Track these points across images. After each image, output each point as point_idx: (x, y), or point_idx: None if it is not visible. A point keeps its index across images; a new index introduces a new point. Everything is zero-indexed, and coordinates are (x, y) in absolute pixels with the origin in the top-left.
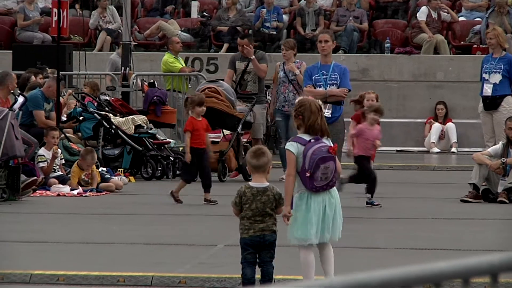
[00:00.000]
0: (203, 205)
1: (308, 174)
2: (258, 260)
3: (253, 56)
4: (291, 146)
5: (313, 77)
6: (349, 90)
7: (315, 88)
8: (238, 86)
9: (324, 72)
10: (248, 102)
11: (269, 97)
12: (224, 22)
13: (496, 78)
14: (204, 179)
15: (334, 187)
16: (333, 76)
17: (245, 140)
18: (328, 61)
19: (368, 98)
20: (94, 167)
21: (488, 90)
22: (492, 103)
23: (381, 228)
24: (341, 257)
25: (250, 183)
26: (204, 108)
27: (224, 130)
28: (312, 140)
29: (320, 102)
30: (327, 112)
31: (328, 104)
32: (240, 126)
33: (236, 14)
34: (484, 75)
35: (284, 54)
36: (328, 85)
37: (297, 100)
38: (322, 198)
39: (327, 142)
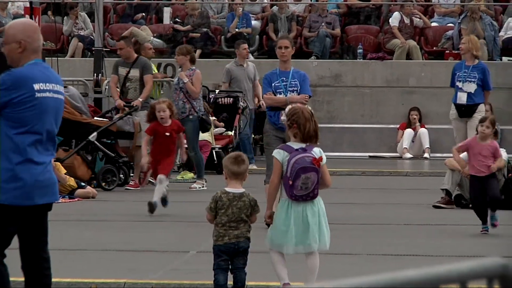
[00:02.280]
0: (176, 212)
1: (290, 182)
2: (230, 267)
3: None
4: (278, 154)
5: (273, 84)
6: (310, 97)
7: (275, 95)
8: (121, 93)
9: (284, 78)
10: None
11: (241, 103)
12: (197, 28)
13: (471, 87)
14: None
15: (318, 198)
16: (293, 82)
17: (219, 146)
18: (287, 68)
19: None
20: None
21: (462, 98)
22: (468, 111)
23: (354, 234)
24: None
25: (226, 188)
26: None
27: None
28: (299, 149)
29: (309, 108)
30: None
31: None
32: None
33: (198, 18)
34: (457, 83)
35: (176, 59)
36: (288, 92)
37: (287, 109)
38: (302, 207)
39: (313, 153)
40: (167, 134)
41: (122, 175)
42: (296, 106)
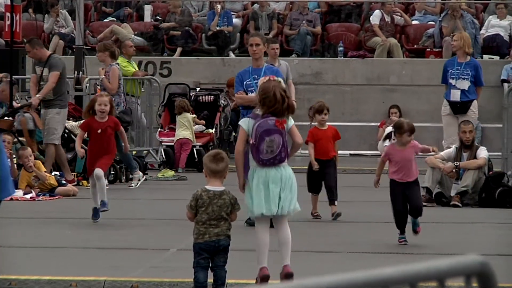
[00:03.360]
0: (156, 209)
1: (252, 142)
2: (211, 265)
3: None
4: (243, 122)
5: (245, 82)
6: None
7: (246, 93)
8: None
9: (256, 76)
10: (46, 108)
11: (222, 101)
12: (178, 26)
13: (465, 84)
14: (328, 190)
15: (285, 164)
16: None
17: (199, 144)
18: (260, 65)
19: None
20: (41, 165)
21: (456, 95)
22: (462, 108)
23: (334, 232)
24: (295, 261)
25: (206, 186)
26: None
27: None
28: (265, 116)
29: (283, 84)
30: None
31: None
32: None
33: (180, 15)
34: (451, 81)
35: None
36: None
37: (260, 81)
38: (265, 172)
39: (279, 118)
40: (99, 131)
41: (112, 172)
42: (268, 83)
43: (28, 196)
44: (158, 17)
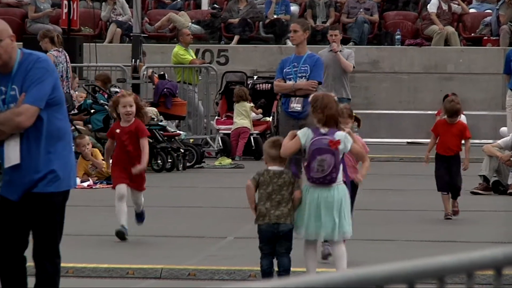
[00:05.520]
0: (213, 198)
1: (305, 163)
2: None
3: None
4: (302, 133)
5: (284, 70)
6: (320, 83)
7: (285, 81)
8: None
9: (295, 64)
10: None
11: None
12: (235, 14)
13: None
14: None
15: (339, 184)
16: (303, 68)
17: (257, 132)
18: (301, 52)
19: None
20: (98, 153)
21: None
22: None
23: (391, 220)
24: (350, 250)
25: (268, 167)
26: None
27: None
28: (323, 133)
29: (334, 96)
30: (297, 106)
31: (297, 98)
32: None
33: (246, 6)
34: None
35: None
36: (298, 78)
37: (310, 97)
38: (318, 194)
39: (335, 136)
40: (121, 135)
41: (159, 161)
42: (318, 93)
43: (85, 184)
44: (215, 5)
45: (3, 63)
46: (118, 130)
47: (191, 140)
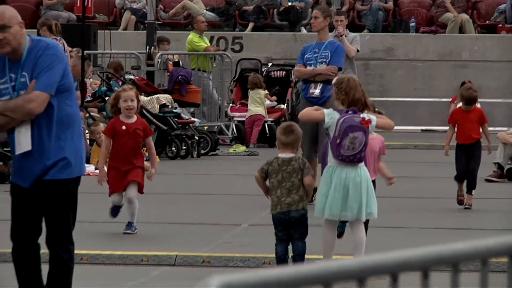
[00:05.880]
0: (227, 185)
1: (338, 141)
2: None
3: None
4: (327, 112)
5: (305, 56)
6: (340, 69)
7: (305, 67)
8: None
9: (316, 50)
10: None
11: (294, 77)
12: (250, 1)
13: None
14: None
15: (363, 165)
16: (323, 54)
17: (271, 119)
18: (322, 39)
19: None
20: None
21: None
22: None
23: (405, 208)
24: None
25: (278, 155)
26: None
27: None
28: (350, 112)
29: (356, 78)
30: (315, 92)
31: (316, 84)
32: None
33: None
34: None
35: None
36: (318, 64)
37: (334, 79)
38: (346, 174)
39: (364, 115)
40: (123, 129)
41: (174, 148)
42: (344, 75)
43: None
44: None
45: (13, 50)
46: (124, 127)
47: (206, 127)
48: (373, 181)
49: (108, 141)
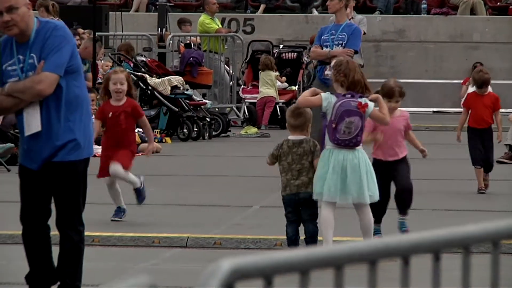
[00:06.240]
0: (238, 166)
1: (333, 125)
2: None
3: None
4: (324, 96)
5: (322, 37)
6: (356, 52)
7: (322, 48)
8: None
9: (333, 32)
10: None
11: (305, 58)
12: None
13: None
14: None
15: (361, 148)
16: (340, 36)
17: (282, 101)
18: (340, 21)
19: None
20: None
21: None
22: None
23: (416, 190)
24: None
25: (289, 137)
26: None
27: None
28: (348, 96)
29: (356, 62)
30: (330, 74)
31: (331, 65)
32: None
33: None
34: None
35: None
36: (335, 46)
37: (333, 61)
38: (343, 156)
39: (361, 100)
40: (110, 115)
41: (185, 130)
42: (341, 57)
43: None
44: None
45: (20, 32)
46: (110, 113)
47: (217, 109)
48: (404, 158)
49: (97, 123)
